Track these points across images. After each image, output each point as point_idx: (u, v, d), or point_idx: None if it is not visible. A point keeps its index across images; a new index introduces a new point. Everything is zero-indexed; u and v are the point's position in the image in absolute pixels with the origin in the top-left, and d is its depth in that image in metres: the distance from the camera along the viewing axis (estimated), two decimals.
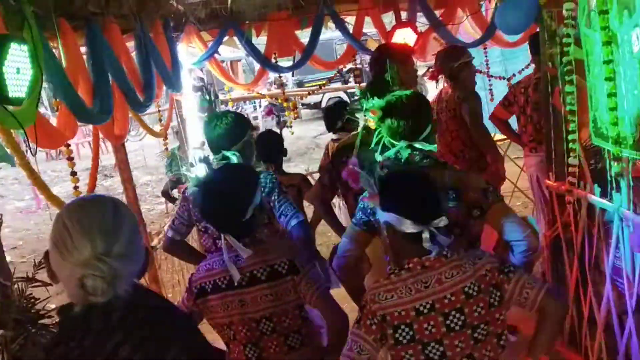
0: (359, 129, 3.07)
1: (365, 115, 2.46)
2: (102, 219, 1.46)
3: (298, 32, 5.57)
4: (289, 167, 4.02)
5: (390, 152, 2.37)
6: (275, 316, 2.15)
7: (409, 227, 1.86)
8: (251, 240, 2.18)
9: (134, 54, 4.03)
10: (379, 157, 2.37)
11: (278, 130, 3.89)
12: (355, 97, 3.46)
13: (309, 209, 3.70)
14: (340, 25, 5.32)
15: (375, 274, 2.66)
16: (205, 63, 5.57)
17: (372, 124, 2.45)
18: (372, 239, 2.41)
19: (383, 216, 1.94)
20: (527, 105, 4.38)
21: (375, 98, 2.43)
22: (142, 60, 4.02)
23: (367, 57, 6.07)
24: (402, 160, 2.32)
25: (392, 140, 2.38)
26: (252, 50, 5.38)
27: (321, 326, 2.37)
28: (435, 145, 2.35)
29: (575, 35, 2.83)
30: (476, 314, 1.83)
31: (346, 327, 2.05)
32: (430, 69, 4.59)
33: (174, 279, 4.89)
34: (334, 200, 3.97)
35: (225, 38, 5.43)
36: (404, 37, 5.20)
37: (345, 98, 16.70)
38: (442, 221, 1.86)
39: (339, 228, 3.46)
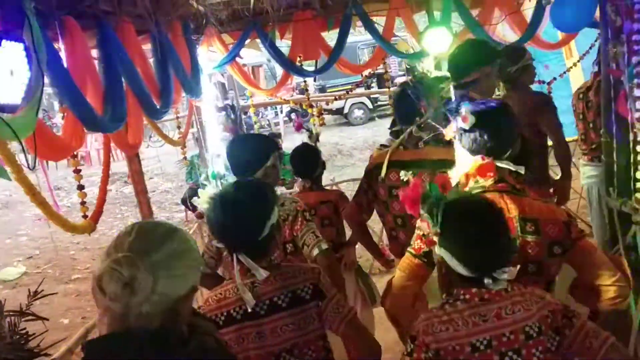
0: (396, 141, 2.75)
1: (454, 119, 2.09)
2: (155, 228, 1.38)
3: (324, 34, 5.26)
4: None
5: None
6: (297, 348, 1.95)
7: (465, 272, 1.70)
8: (268, 263, 2.00)
9: (150, 58, 3.76)
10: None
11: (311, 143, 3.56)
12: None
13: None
14: (370, 26, 5.01)
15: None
16: (226, 67, 5.30)
17: (449, 133, 2.12)
18: (432, 272, 2.09)
19: (440, 249, 1.76)
20: (587, 110, 3.98)
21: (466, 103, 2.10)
22: (159, 64, 3.78)
23: (393, 60, 5.78)
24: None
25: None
26: (275, 53, 5.10)
27: None
28: (523, 167, 2.01)
29: None
30: (535, 358, 1.66)
31: (378, 358, 1.93)
32: None
33: None
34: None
35: (248, 41, 5.15)
36: (438, 38, 4.88)
37: (369, 104, 16.45)
38: (507, 274, 1.68)
39: (376, 251, 3.26)
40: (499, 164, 1.99)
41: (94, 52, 3.02)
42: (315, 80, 15.99)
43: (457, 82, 2.95)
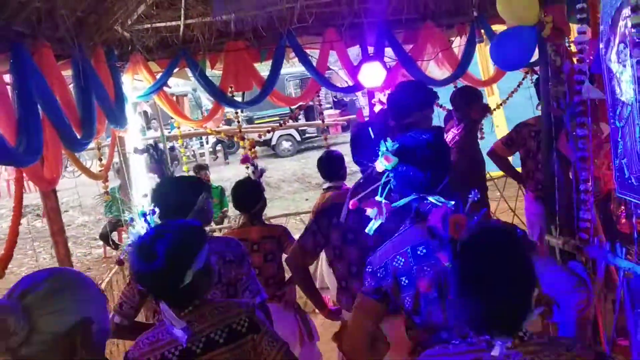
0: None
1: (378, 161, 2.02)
2: (35, 274, 1.43)
3: (256, 65, 5.12)
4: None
5: (400, 203, 1.97)
6: None
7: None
8: (195, 307, 1.91)
9: (70, 84, 3.47)
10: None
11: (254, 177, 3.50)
12: None
13: None
14: (304, 59, 4.91)
15: (394, 354, 2.21)
16: (152, 96, 5.02)
17: (379, 168, 2.01)
18: (386, 310, 2.01)
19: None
20: (538, 150, 3.98)
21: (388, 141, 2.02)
22: (81, 91, 3.50)
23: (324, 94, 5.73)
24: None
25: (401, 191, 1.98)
26: (206, 83, 4.89)
27: None
28: (453, 201, 1.89)
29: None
30: None
31: None
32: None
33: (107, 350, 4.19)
34: None
35: (176, 69, 4.92)
36: (372, 72, 4.87)
37: (297, 136, 16.42)
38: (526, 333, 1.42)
39: (318, 301, 3.04)
40: (430, 198, 1.93)
41: (7, 77, 2.73)
42: (242, 112, 15.80)
43: (396, 123, 2.90)
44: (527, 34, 2.82)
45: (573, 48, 2.59)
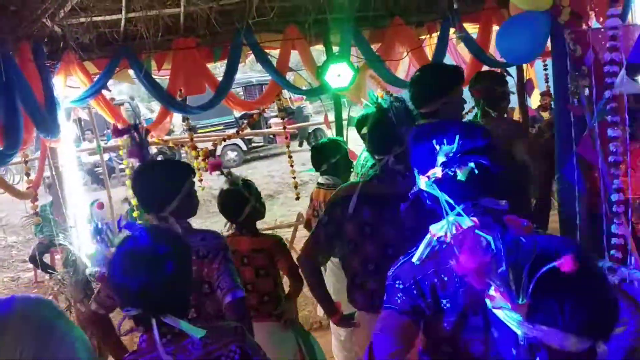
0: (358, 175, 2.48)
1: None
2: None
3: (209, 66, 4.59)
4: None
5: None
6: None
7: (581, 345, 1.24)
8: (175, 334, 1.70)
9: None
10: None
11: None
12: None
13: None
14: (262, 58, 4.42)
15: None
16: (88, 101, 4.40)
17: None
18: (419, 331, 1.71)
19: (535, 331, 1.26)
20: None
21: None
22: (2, 94, 2.91)
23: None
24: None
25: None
26: (152, 86, 4.31)
27: None
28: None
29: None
30: None
31: None
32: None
33: None
34: None
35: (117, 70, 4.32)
36: (339, 73, 4.43)
37: (242, 145, 15.85)
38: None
39: (329, 306, 2.77)
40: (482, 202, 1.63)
41: None
42: (183, 121, 15.10)
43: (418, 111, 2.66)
44: (540, 20, 2.44)
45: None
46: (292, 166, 5.72)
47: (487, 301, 1.32)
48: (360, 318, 2.64)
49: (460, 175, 1.53)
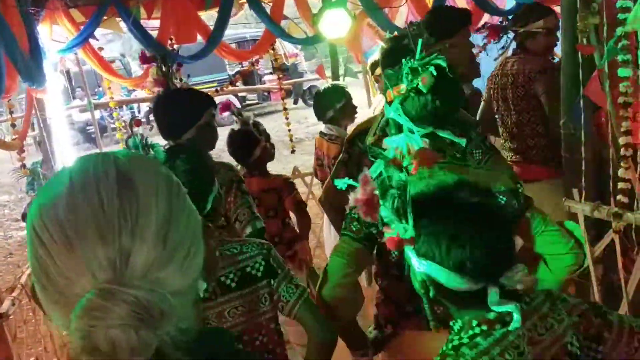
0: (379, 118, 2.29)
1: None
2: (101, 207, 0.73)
3: (201, 13, 4.43)
4: None
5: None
6: (247, 334, 1.80)
7: (464, 285, 1.21)
8: (215, 241, 1.78)
9: None
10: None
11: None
12: None
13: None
14: (257, 6, 4.26)
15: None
16: (75, 50, 4.25)
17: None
18: (372, 257, 1.90)
19: (421, 265, 1.26)
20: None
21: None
22: None
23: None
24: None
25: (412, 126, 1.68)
26: (142, 35, 4.15)
27: None
28: (465, 140, 1.77)
29: None
30: None
31: (334, 347, 1.79)
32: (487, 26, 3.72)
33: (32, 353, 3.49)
34: None
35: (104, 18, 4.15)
36: (336, 21, 4.27)
37: (236, 102, 15.65)
38: (519, 272, 1.21)
39: None
40: (441, 134, 1.77)
41: None
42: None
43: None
44: None
45: None
46: (287, 118, 5.63)
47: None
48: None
49: (422, 86, 1.61)
